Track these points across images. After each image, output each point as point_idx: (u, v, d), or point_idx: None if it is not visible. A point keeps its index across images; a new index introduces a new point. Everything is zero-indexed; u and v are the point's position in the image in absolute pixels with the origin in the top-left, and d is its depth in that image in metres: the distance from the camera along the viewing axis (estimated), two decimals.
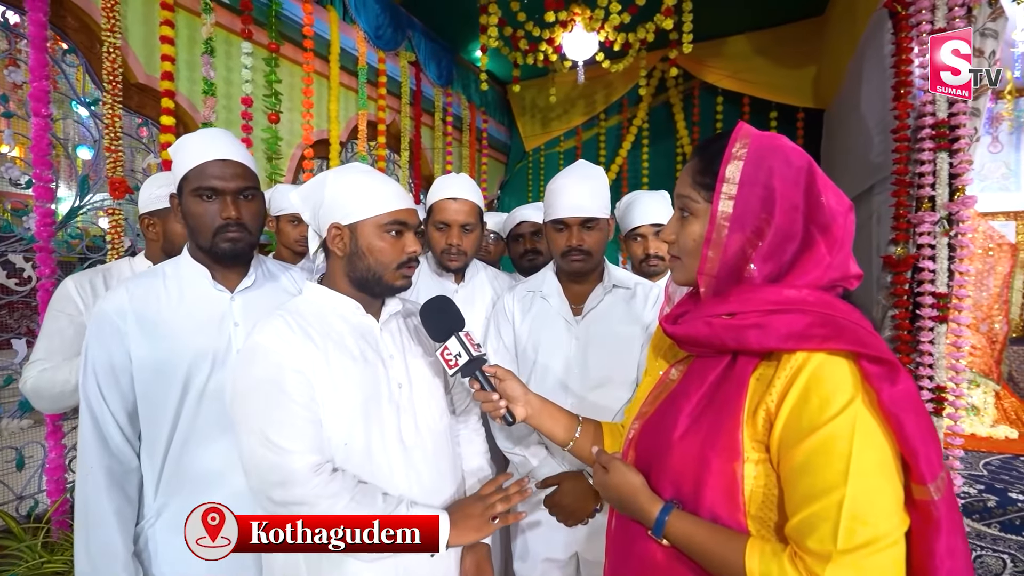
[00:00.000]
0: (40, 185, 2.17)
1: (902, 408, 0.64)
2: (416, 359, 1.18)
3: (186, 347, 1.19)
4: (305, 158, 3.45)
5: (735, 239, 0.76)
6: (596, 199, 1.44)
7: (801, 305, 0.72)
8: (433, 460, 1.12)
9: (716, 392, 0.77)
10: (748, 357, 0.75)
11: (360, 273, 1.09)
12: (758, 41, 4.66)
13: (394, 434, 1.07)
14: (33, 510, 2.25)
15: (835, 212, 0.75)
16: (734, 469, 0.71)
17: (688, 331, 0.80)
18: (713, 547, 0.71)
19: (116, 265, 1.74)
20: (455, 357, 1.06)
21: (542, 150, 5.91)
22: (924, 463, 0.64)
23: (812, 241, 0.74)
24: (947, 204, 2.59)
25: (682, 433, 0.77)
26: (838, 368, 0.67)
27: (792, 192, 0.75)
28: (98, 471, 1.14)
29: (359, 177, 1.10)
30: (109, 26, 2.41)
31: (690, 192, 0.82)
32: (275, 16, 3.22)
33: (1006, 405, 3.94)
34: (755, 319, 0.73)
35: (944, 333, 2.58)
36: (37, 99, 2.16)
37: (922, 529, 0.66)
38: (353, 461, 1.03)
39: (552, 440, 1.12)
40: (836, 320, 0.70)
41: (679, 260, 0.86)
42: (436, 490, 1.11)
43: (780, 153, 0.77)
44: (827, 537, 0.63)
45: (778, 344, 0.71)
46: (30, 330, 2.40)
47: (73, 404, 1.44)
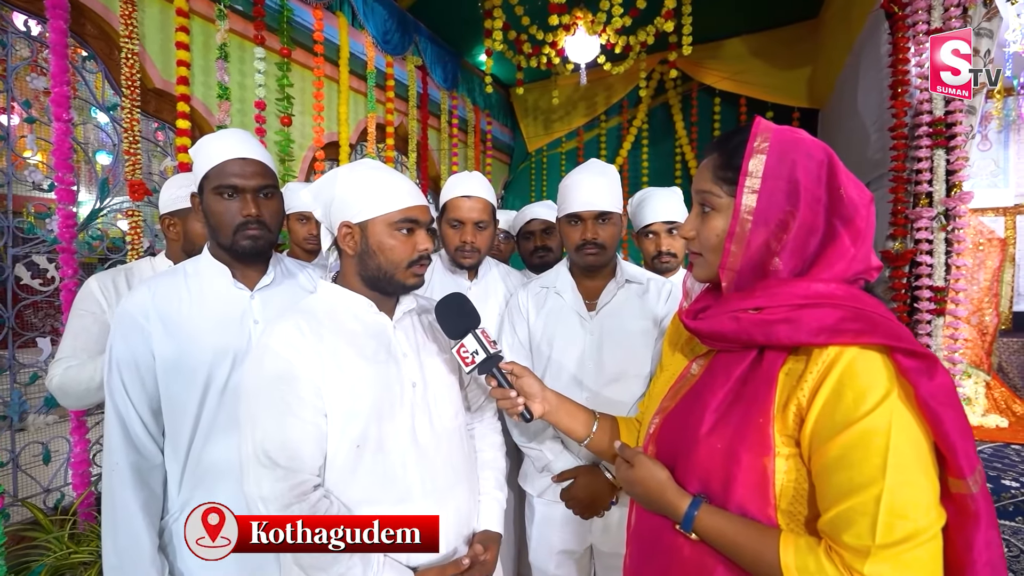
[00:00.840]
0: (62, 188, 2.15)
1: (940, 402, 0.61)
2: (431, 357, 1.13)
3: (207, 345, 1.16)
4: (316, 160, 3.43)
5: (759, 233, 0.73)
6: (610, 194, 1.41)
7: (831, 299, 0.69)
8: (447, 458, 1.08)
9: (743, 387, 0.74)
10: (776, 352, 0.72)
11: (371, 272, 1.04)
12: (754, 43, 4.63)
13: (407, 433, 1.03)
14: (60, 503, 2.24)
15: (857, 204, 0.72)
16: (764, 464, 0.68)
17: (714, 327, 0.77)
18: (745, 541, 0.68)
19: (137, 265, 1.71)
20: (472, 355, 1.02)
21: (544, 151, 5.88)
22: (963, 457, 0.61)
23: (835, 234, 0.71)
24: (944, 200, 2.55)
25: (709, 428, 0.74)
26: (872, 362, 0.64)
27: (814, 185, 0.72)
28: (124, 467, 1.12)
29: (370, 173, 1.04)
30: (127, 33, 2.39)
31: (711, 187, 0.79)
32: (287, 22, 3.19)
33: (996, 395, 3.92)
34: (784, 314, 0.69)
35: (941, 326, 2.55)
36: (58, 104, 2.14)
37: (960, 522, 0.63)
38: (366, 461, 0.98)
39: (569, 436, 1.09)
40: (868, 314, 0.67)
41: (700, 256, 0.83)
42: (449, 487, 1.07)
43: (802, 146, 0.74)
44: (865, 532, 0.60)
45: (809, 339, 0.67)
46: (54, 329, 2.38)
47: (98, 401, 1.41)
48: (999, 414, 3.76)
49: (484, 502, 1.17)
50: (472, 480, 1.16)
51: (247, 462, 0.94)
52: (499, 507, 1.19)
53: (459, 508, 1.08)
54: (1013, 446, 3.24)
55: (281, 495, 0.91)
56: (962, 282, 2.59)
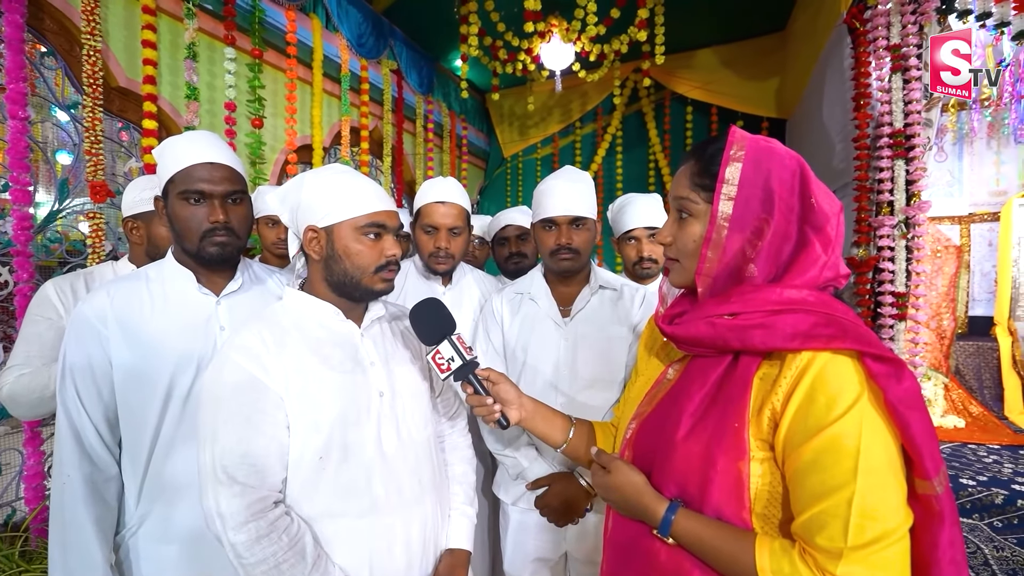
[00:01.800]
0: (17, 188, 2.06)
1: (908, 406, 0.63)
2: (400, 365, 1.10)
3: (170, 352, 1.11)
4: (289, 163, 3.36)
5: (735, 239, 0.74)
6: (584, 200, 1.41)
7: (804, 305, 0.70)
8: (414, 470, 1.05)
9: (719, 392, 0.74)
10: (751, 357, 0.73)
11: (337, 277, 1.01)
12: (725, 54, 4.74)
13: (373, 444, 0.99)
14: (11, 518, 2.13)
15: (827, 213, 0.74)
16: (740, 468, 0.69)
17: (690, 332, 0.77)
18: (721, 545, 0.68)
19: (99, 269, 1.64)
20: (447, 361, 0.99)
21: (520, 156, 5.90)
22: (929, 459, 0.63)
23: (807, 241, 0.73)
24: (904, 208, 2.64)
25: (686, 433, 0.74)
26: (844, 367, 0.66)
27: (788, 194, 0.74)
28: (76, 479, 1.06)
29: (336, 177, 1.02)
30: (89, 29, 2.30)
31: (689, 194, 0.80)
32: (258, 23, 3.13)
33: (954, 396, 4.05)
34: (759, 319, 0.71)
35: (903, 330, 2.64)
36: (14, 101, 2.05)
37: (926, 522, 0.65)
38: (328, 473, 0.94)
39: (546, 442, 1.08)
40: (839, 320, 0.68)
41: (677, 262, 0.83)
42: (416, 500, 1.03)
43: (776, 156, 0.75)
44: (837, 534, 0.61)
45: (783, 344, 0.69)
46: (7, 335, 2.26)
47: (51, 410, 1.34)
48: (957, 415, 3.88)
49: (453, 518, 1.15)
50: (441, 493, 1.13)
51: (205, 476, 0.90)
52: (469, 523, 1.16)
53: (426, 522, 1.05)
54: (970, 445, 3.35)
55: (238, 511, 0.87)
56: (922, 288, 2.68)
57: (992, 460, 3.03)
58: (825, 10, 3.36)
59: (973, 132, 5.12)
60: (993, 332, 4.55)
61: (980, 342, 4.49)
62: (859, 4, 2.80)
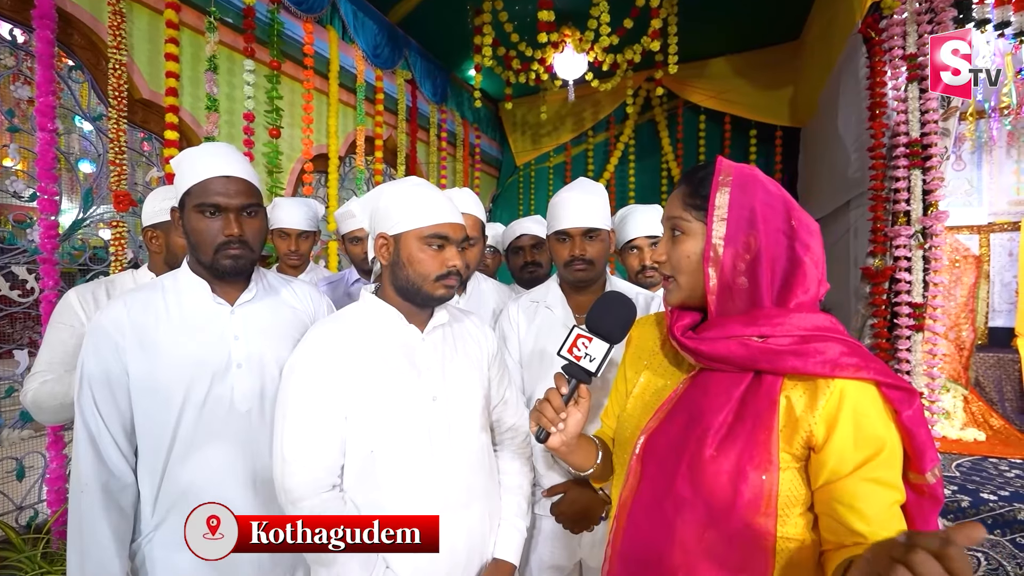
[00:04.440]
0: (44, 198, 2.11)
1: (915, 424, 0.73)
2: (457, 372, 1.13)
3: (185, 361, 1.13)
4: (305, 172, 3.41)
5: (729, 255, 0.79)
6: (598, 212, 1.41)
7: (828, 332, 0.76)
8: (463, 475, 1.08)
9: (743, 408, 0.77)
10: (774, 376, 0.77)
11: (402, 282, 1.08)
12: (738, 63, 4.71)
13: (424, 447, 1.04)
14: (33, 520, 2.16)
15: (812, 231, 0.81)
16: (770, 480, 0.73)
17: (719, 350, 0.78)
18: None
19: (119, 277, 1.67)
20: (585, 354, 0.89)
21: (532, 165, 5.91)
22: (928, 460, 0.74)
23: (799, 260, 0.79)
24: (921, 219, 2.60)
25: (714, 451, 0.76)
26: (874, 396, 0.73)
27: (775, 216, 0.79)
28: (94, 488, 1.07)
29: (410, 189, 1.09)
30: (115, 43, 2.37)
31: (682, 213, 0.84)
32: (277, 35, 3.19)
33: (974, 409, 3.96)
34: (791, 345, 0.75)
35: (920, 341, 2.58)
36: (43, 114, 2.10)
37: (919, 504, 0.76)
38: (378, 468, 1.02)
39: (575, 469, 1.00)
40: (860, 350, 0.75)
41: (673, 280, 0.86)
42: (463, 505, 1.07)
43: (759, 183, 0.81)
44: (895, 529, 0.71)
45: (815, 371, 0.74)
46: (32, 341, 2.31)
47: (73, 416, 1.37)
48: (977, 428, 3.79)
49: (503, 528, 1.16)
50: (491, 502, 1.15)
51: (275, 455, 1.03)
52: (519, 536, 1.17)
53: (472, 529, 1.06)
54: (991, 459, 3.27)
55: (296, 487, 1.00)
56: (939, 298, 2.62)
57: (1015, 475, 2.95)
58: (840, 19, 3.33)
59: (992, 141, 5.02)
60: (1014, 343, 4.44)
61: (1001, 354, 4.38)
62: (874, 14, 2.77)
